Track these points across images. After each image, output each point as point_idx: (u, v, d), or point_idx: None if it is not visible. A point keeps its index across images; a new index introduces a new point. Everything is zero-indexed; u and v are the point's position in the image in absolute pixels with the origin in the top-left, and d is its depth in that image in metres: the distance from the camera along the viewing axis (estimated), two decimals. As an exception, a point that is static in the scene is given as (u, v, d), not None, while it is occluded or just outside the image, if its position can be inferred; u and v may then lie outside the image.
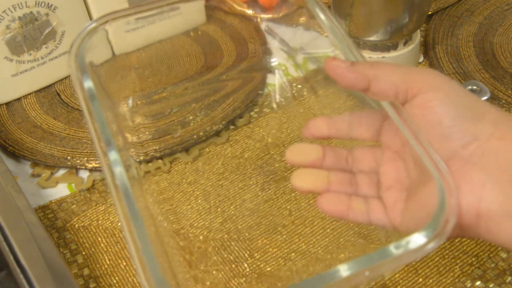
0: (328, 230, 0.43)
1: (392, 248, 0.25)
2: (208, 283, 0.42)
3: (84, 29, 0.34)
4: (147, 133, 0.52)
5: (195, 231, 0.46)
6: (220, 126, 0.53)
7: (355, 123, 0.34)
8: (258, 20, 0.70)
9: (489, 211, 0.26)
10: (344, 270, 0.25)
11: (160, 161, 0.51)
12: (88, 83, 0.31)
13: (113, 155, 0.29)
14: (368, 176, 0.33)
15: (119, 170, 0.28)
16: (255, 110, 0.57)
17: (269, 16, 0.69)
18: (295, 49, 0.43)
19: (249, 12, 0.70)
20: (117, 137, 0.34)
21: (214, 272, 0.43)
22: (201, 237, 0.45)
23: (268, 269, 0.43)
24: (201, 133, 0.52)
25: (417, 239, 0.25)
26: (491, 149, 0.27)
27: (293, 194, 0.46)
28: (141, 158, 0.51)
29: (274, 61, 0.45)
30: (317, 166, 0.34)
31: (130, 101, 0.60)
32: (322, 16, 0.35)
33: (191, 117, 0.51)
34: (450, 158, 0.28)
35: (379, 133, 0.34)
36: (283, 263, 0.43)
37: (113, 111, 0.47)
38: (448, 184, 0.26)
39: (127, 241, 0.26)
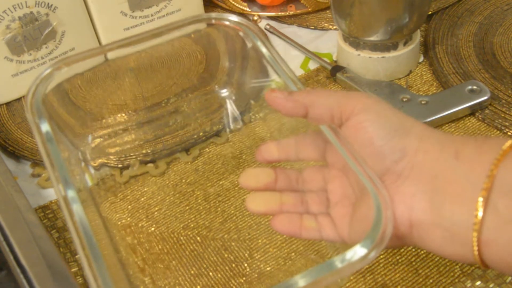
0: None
1: (335, 261, 0.26)
2: (199, 287, 0.42)
3: (40, 75, 0.35)
4: (133, 136, 0.52)
5: (190, 232, 0.46)
6: (220, 126, 0.53)
7: (302, 146, 0.36)
8: (256, 18, 0.70)
9: (419, 220, 0.28)
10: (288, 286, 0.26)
11: (150, 165, 0.51)
12: (45, 127, 0.33)
13: (71, 193, 0.31)
14: (317, 194, 0.35)
15: (76, 207, 0.30)
16: (255, 110, 0.57)
17: (269, 14, 0.69)
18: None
19: (248, 10, 0.70)
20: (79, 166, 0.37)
21: (211, 273, 0.43)
22: (198, 238, 0.45)
23: (268, 269, 0.43)
24: (201, 133, 0.53)
25: (358, 251, 0.26)
26: (418, 163, 0.29)
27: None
28: (129, 162, 0.51)
29: (224, 92, 0.45)
30: (271, 188, 0.36)
31: (121, 108, 0.60)
32: (263, 49, 0.37)
33: (191, 118, 0.51)
34: (384, 173, 0.30)
35: (324, 153, 0.35)
36: (283, 263, 0.43)
37: (92, 119, 0.46)
38: (383, 198, 0.28)
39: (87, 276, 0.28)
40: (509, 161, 0.27)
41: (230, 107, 0.45)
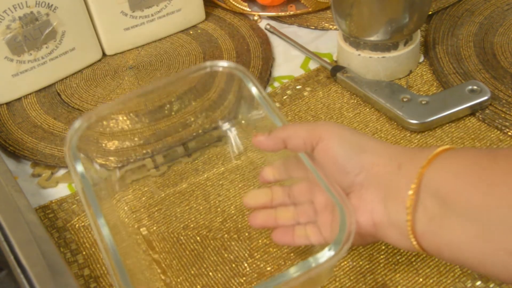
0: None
1: (310, 261, 0.32)
2: (199, 286, 0.42)
3: (72, 126, 0.42)
4: (136, 138, 0.52)
5: (190, 232, 0.46)
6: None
7: (290, 167, 0.42)
8: (256, 18, 0.70)
9: (379, 221, 0.35)
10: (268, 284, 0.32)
11: (151, 165, 0.51)
12: (80, 168, 0.40)
13: (101, 220, 0.37)
14: (306, 206, 0.41)
15: (106, 232, 0.36)
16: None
17: (270, 14, 0.69)
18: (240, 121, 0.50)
19: (249, 10, 0.70)
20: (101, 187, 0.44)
21: (210, 273, 0.43)
22: (198, 238, 0.45)
23: (268, 268, 0.43)
24: (200, 131, 0.52)
25: (327, 253, 0.32)
26: (374, 175, 0.35)
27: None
28: (130, 162, 0.51)
29: (226, 125, 0.51)
30: (268, 206, 0.42)
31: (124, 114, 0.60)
32: (253, 89, 0.43)
33: (192, 119, 0.51)
34: (350, 185, 0.36)
35: (307, 172, 0.40)
36: (283, 263, 0.43)
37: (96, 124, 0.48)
38: (348, 209, 0.34)
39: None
40: (433, 167, 0.32)
41: (232, 137, 0.50)
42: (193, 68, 0.45)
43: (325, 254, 0.32)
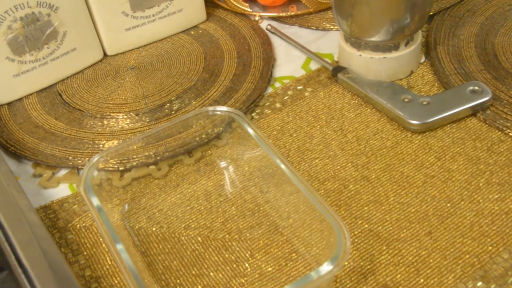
0: (325, 233, 0.43)
1: (312, 274, 0.36)
2: (200, 287, 0.42)
3: (88, 163, 0.45)
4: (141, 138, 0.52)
5: (191, 232, 0.46)
6: (221, 128, 0.53)
7: None
8: (257, 18, 0.70)
9: None
10: None
11: (152, 167, 0.51)
12: (96, 201, 0.43)
13: (119, 246, 0.40)
14: None
15: (125, 256, 0.39)
16: (257, 111, 0.57)
17: (271, 14, 0.69)
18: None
19: (250, 10, 0.70)
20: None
21: (211, 273, 0.43)
22: (199, 238, 0.45)
23: (270, 269, 0.43)
24: (203, 136, 0.53)
25: (326, 267, 0.36)
26: None
27: (291, 197, 0.46)
28: (133, 164, 0.51)
29: (223, 163, 0.52)
30: None
31: (128, 112, 0.60)
32: (249, 130, 0.47)
33: (194, 121, 0.51)
34: None
35: None
36: (284, 264, 0.43)
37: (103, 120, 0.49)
38: (342, 228, 0.38)
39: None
40: None
41: (228, 174, 0.51)
42: (194, 112, 0.49)
43: (324, 268, 0.36)
